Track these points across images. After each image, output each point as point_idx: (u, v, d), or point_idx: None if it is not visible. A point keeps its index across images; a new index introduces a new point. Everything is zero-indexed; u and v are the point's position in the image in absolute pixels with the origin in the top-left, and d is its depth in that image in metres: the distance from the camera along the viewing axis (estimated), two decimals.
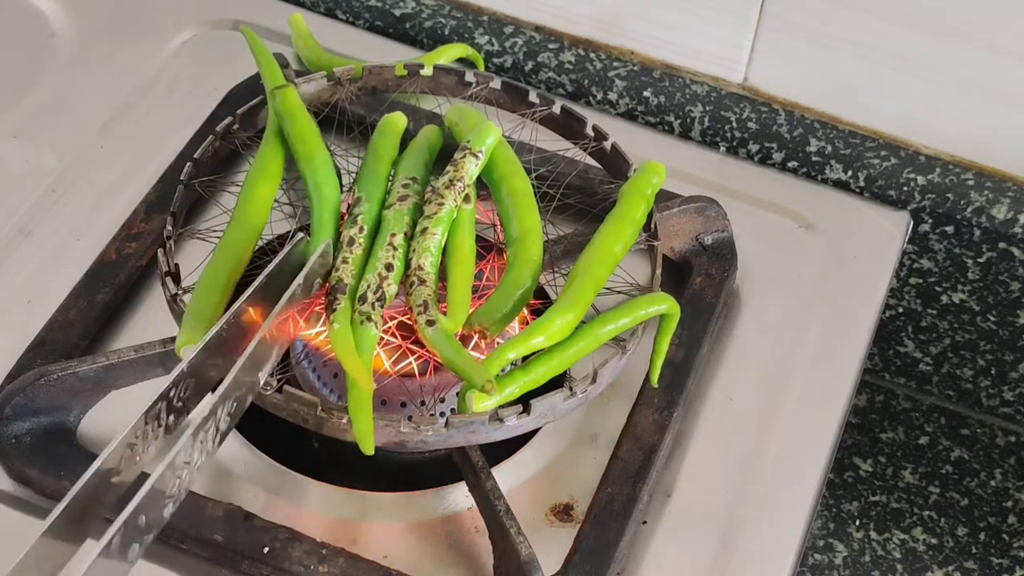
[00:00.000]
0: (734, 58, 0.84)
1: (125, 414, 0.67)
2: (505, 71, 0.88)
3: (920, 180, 0.82)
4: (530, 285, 0.63)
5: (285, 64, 0.74)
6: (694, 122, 0.86)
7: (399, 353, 0.64)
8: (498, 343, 0.62)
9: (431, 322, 0.60)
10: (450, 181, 0.66)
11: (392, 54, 0.86)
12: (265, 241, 0.69)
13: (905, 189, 0.82)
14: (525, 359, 0.62)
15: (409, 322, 0.63)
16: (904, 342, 0.88)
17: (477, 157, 0.67)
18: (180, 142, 0.79)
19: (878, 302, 0.77)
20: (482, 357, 0.61)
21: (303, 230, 0.65)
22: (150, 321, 0.72)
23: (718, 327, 0.74)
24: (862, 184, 0.83)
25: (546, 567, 0.61)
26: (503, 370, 0.61)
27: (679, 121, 0.86)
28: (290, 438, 0.66)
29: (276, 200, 0.68)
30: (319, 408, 0.59)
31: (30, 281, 0.73)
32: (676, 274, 0.75)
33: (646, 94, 0.86)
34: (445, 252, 0.65)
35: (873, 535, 0.82)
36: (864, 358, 0.74)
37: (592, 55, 0.87)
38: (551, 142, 0.74)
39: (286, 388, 0.60)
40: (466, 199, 0.66)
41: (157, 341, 0.66)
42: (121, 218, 0.75)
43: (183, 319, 0.61)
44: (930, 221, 0.82)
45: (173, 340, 0.63)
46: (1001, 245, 0.81)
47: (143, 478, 0.51)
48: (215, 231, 0.66)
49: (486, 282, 0.67)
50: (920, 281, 0.85)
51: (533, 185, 0.68)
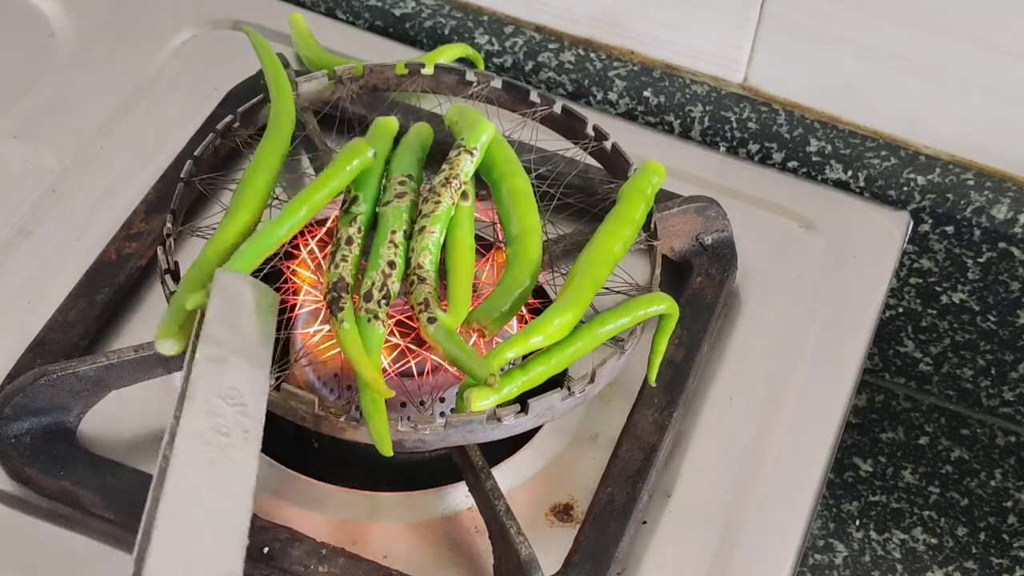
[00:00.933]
0: (734, 58, 0.84)
1: (125, 414, 0.68)
2: (505, 71, 0.88)
3: (920, 180, 0.82)
4: (529, 284, 0.63)
5: (286, 64, 0.74)
6: (694, 122, 0.86)
7: (398, 352, 0.64)
8: (497, 342, 0.62)
9: (432, 319, 0.60)
10: (446, 179, 0.66)
11: (392, 54, 0.86)
12: None
13: (905, 189, 0.82)
14: (523, 358, 0.62)
15: (407, 321, 0.63)
16: (904, 342, 0.88)
17: (472, 154, 0.67)
18: (180, 142, 0.79)
19: (878, 302, 0.77)
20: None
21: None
22: (150, 321, 0.72)
23: (718, 327, 0.74)
24: (862, 184, 0.83)
25: (546, 567, 0.61)
26: (501, 369, 0.61)
27: (679, 121, 0.86)
28: (290, 438, 0.66)
29: (275, 196, 0.68)
30: (317, 406, 0.59)
31: (30, 281, 0.73)
32: (676, 274, 0.75)
33: (646, 94, 0.86)
34: (445, 249, 0.65)
35: (873, 535, 0.82)
36: (864, 358, 0.74)
37: (592, 55, 0.87)
38: (551, 142, 0.74)
39: (284, 386, 0.60)
40: (464, 196, 0.66)
41: None
42: (121, 218, 0.75)
43: (166, 311, 0.61)
44: (930, 221, 0.82)
45: None
46: (1001, 245, 0.81)
47: None
48: (215, 229, 0.66)
49: (485, 281, 0.67)
50: (920, 281, 0.85)
51: (533, 184, 0.68)
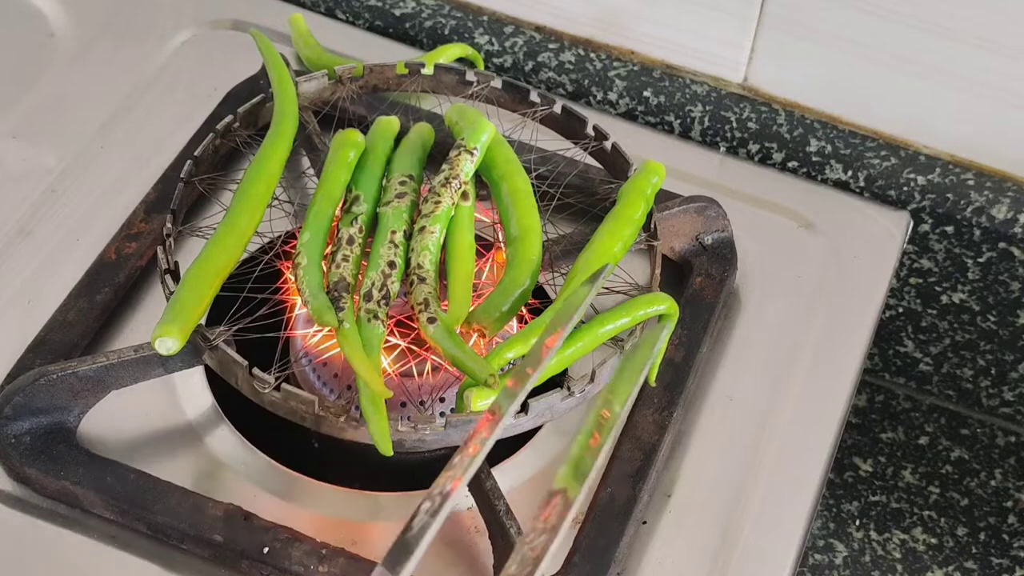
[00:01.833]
0: (734, 58, 0.84)
1: (125, 414, 0.68)
2: (505, 71, 0.88)
3: (920, 180, 0.82)
4: (529, 285, 0.63)
5: (285, 64, 0.74)
6: (694, 122, 0.86)
7: (398, 352, 0.64)
8: (497, 342, 0.62)
9: (432, 319, 0.60)
10: (446, 179, 0.66)
11: (392, 54, 0.86)
12: (266, 240, 0.69)
13: (905, 189, 0.82)
14: (523, 359, 0.62)
15: (407, 322, 0.63)
16: (904, 342, 0.88)
17: (472, 154, 0.67)
18: (180, 142, 0.79)
19: (878, 302, 0.77)
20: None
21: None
22: (150, 321, 0.72)
23: (718, 327, 0.74)
24: (862, 184, 0.83)
25: (546, 567, 0.61)
26: (501, 369, 0.61)
27: (679, 121, 0.86)
28: (290, 438, 0.66)
29: (276, 197, 0.68)
30: (317, 406, 0.59)
31: (30, 281, 0.73)
32: (676, 274, 0.75)
33: (646, 94, 0.86)
34: (445, 249, 0.65)
35: (873, 535, 0.82)
36: (864, 358, 0.74)
37: (592, 55, 0.87)
38: (551, 142, 0.74)
39: (284, 386, 0.60)
40: (464, 196, 0.66)
41: None
42: (121, 218, 0.75)
43: (164, 310, 0.61)
44: (930, 221, 0.82)
45: None
46: (1001, 245, 0.81)
47: None
48: (215, 229, 0.66)
49: (485, 281, 0.67)
50: (920, 281, 0.85)
51: (533, 185, 0.68)
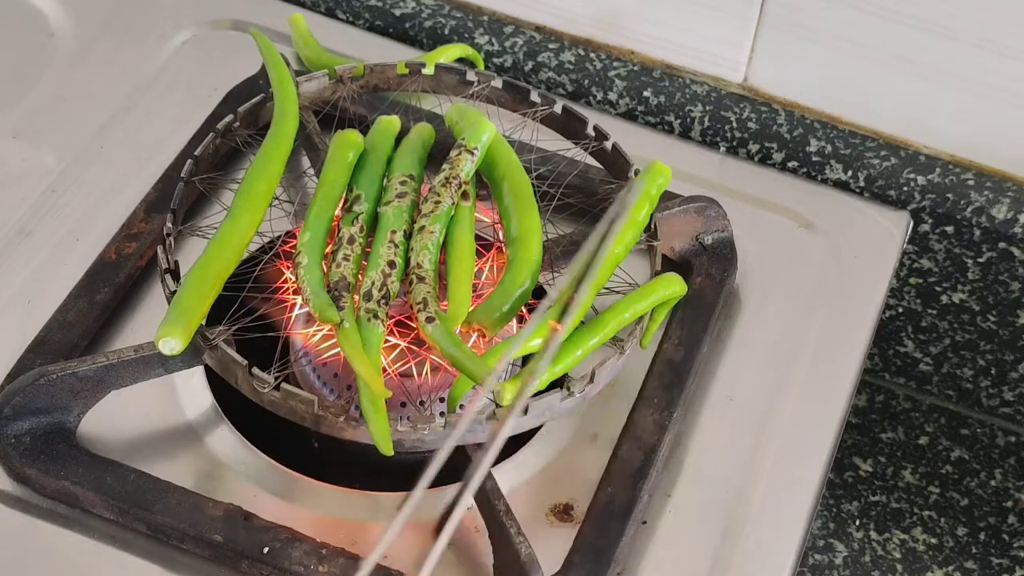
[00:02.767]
0: (734, 58, 0.84)
1: (125, 414, 0.68)
2: (505, 71, 0.88)
3: (920, 180, 0.82)
4: (529, 285, 0.63)
5: (285, 64, 0.74)
6: (694, 122, 0.86)
7: (397, 352, 0.64)
8: (497, 343, 0.62)
9: (431, 319, 0.60)
10: (446, 179, 0.66)
11: (392, 54, 0.86)
12: (266, 240, 0.69)
13: (905, 189, 0.82)
14: (523, 360, 0.62)
15: (407, 322, 0.63)
16: (904, 342, 0.88)
17: (473, 154, 0.67)
18: (180, 142, 0.79)
19: (878, 302, 0.77)
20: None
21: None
22: (150, 321, 0.72)
23: (718, 327, 0.74)
24: (862, 184, 0.83)
25: (546, 567, 0.61)
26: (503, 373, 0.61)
27: (679, 121, 0.86)
28: (290, 438, 0.66)
29: (276, 197, 0.68)
30: (317, 406, 0.59)
31: (30, 281, 0.73)
32: (676, 274, 0.75)
33: (646, 94, 0.86)
34: (445, 249, 0.65)
35: (873, 535, 0.82)
36: (864, 358, 0.74)
37: (592, 55, 0.87)
38: (551, 142, 0.74)
39: (284, 386, 0.60)
40: (464, 196, 0.66)
41: None
42: (121, 218, 0.75)
43: (167, 311, 0.61)
44: (930, 221, 0.82)
45: None
46: (1001, 245, 0.81)
47: None
48: (216, 229, 0.66)
49: (485, 281, 0.67)
50: (920, 281, 0.85)
51: (533, 185, 0.68)
